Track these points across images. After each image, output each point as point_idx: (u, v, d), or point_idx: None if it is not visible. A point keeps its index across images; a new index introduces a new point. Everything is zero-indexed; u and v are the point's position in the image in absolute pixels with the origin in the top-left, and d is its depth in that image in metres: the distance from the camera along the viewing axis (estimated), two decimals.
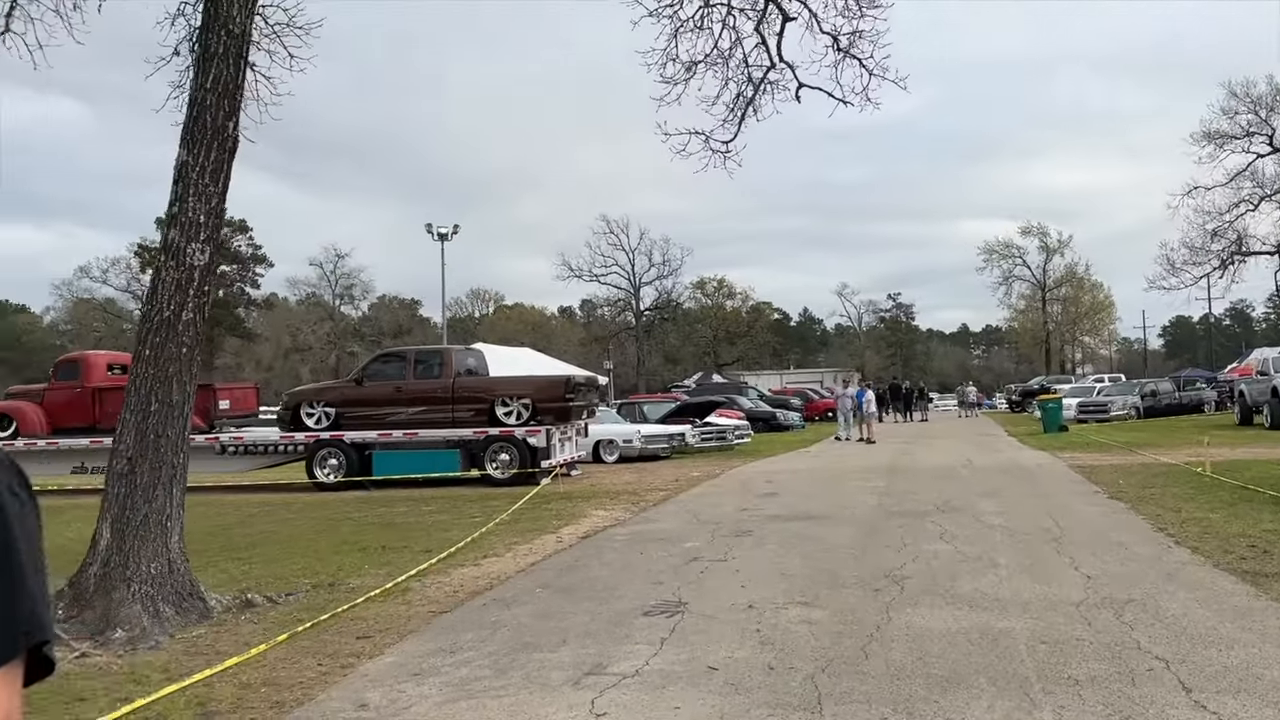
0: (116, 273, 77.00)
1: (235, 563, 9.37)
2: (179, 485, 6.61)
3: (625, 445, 21.85)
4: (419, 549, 9.87)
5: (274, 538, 11.21)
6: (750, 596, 7.10)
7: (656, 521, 11.71)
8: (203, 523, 12.77)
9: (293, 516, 13.25)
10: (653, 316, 77.90)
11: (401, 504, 14.44)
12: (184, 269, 6.56)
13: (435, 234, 48.02)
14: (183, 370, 6.58)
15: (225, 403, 17.51)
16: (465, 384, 17.39)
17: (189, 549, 10.44)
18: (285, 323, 79.12)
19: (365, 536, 10.97)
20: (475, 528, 11.21)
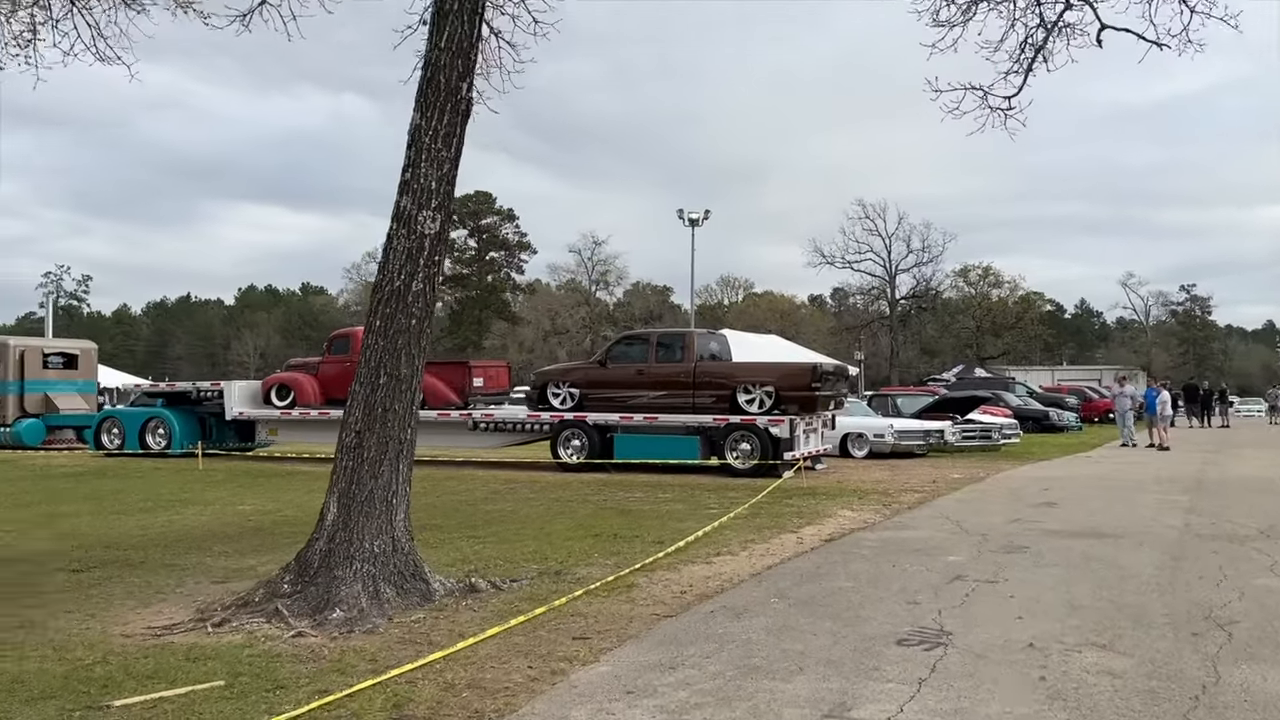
0: None
1: (470, 541, 9.34)
2: (405, 461, 6.44)
3: (876, 440, 20.36)
4: (650, 539, 9.35)
5: (512, 517, 11.20)
6: (1030, 631, 5.83)
7: (911, 528, 10.43)
8: (449, 497, 13.22)
9: (533, 496, 13.32)
10: (909, 305, 73.97)
11: (639, 489, 14.13)
12: (415, 237, 6.35)
13: (686, 219, 48.31)
14: (411, 343, 6.38)
15: (479, 380, 18.20)
16: (707, 369, 16.81)
17: (432, 523, 10.81)
18: (546, 306, 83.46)
19: (599, 522, 10.66)
20: (710, 520, 10.55)
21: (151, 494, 13.08)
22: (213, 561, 8.07)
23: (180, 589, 6.91)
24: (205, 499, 12.63)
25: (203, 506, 11.96)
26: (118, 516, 10.92)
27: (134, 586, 6.96)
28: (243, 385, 19.69)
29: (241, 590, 6.34)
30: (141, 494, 13.07)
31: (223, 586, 6.89)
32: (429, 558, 8.14)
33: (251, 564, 7.72)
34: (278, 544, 8.93)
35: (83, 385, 22.46)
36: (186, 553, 8.54)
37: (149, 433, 19.10)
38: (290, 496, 13.10)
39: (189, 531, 9.99)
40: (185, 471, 16.13)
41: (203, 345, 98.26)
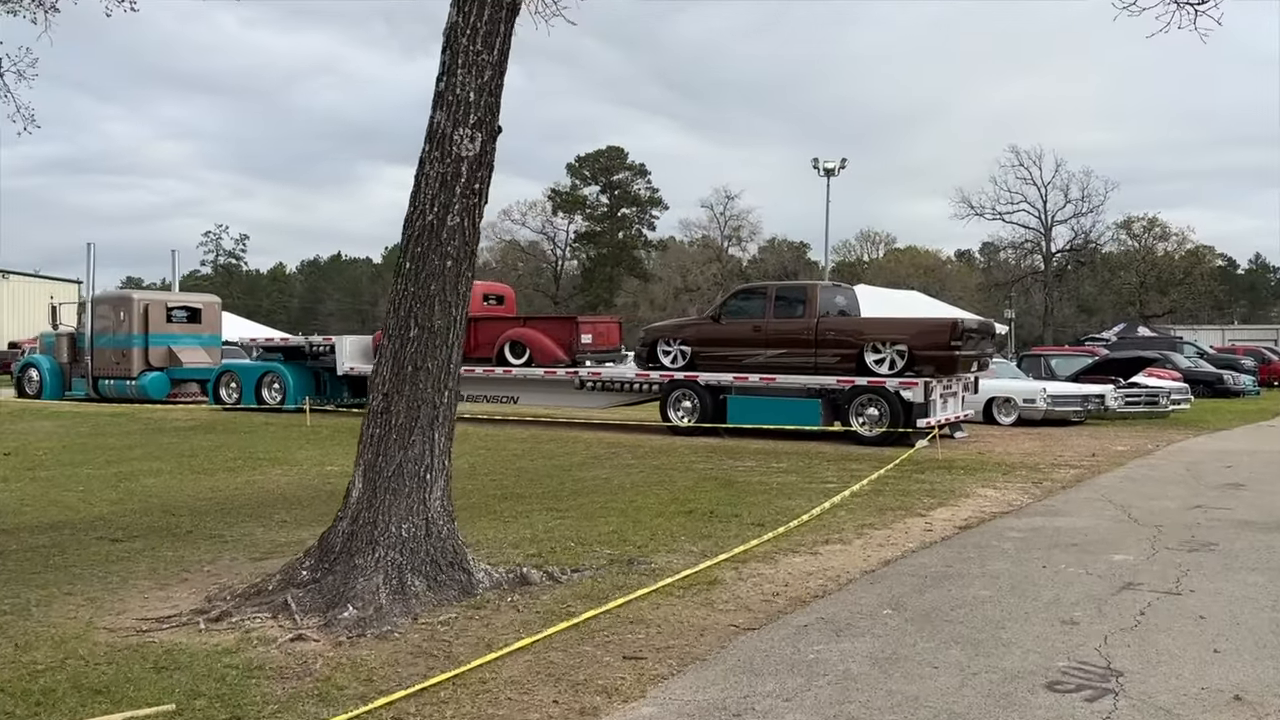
0: (534, 215, 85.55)
1: (549, 514, 8.36)
2: (442, 430, 5.44)
3: (1026, 405, 18.21)
4: (750, 519, 8.13)
5: (603, 487, 10.18)
6: (1234, 672, 4.31)
7: (1066, 514, 8.76)
8: (543, 461, 12.36)
9: (633, 463, 12.28)
10: (1065, 259, 68.60)
11: (750, 457, 12.88)
12: (450, 161, 5.27)
13: (821, 169, 45.95)
14: (447, 289, 5.35)
15: (587, 337, 17.25)
16: (830, 325, 15.21)
17: (516, 491, 9.92)
18: (678, 263, 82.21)
19: (697, 495, 9.49)
20: (825, 497, 9.21)
21: (246, 451, 12.84)
22: (264, 533, 7.39)
23: (210, 566, 6.21)
24: (296, 458, 12.26)
25: (290, 466, 11.56)
26: (198, 476, 10.59)
27: (162, 561, 6.31)
28: (354, 340, 19.44)
29: (269, 572, 5.57)
30: (236, 451, 12.85)
31: (256, 566, 6.15)
32: (494, 536, 7.28)
33: (304, 536, 6.99)
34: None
35: (207, 339, 22.82)
36: (243, 520, 7.94)
37: (264, 387, 19.21)
38: None
39: (262, 494, 9.48)
40: (293, 427, 16.01)
41: (351, 301, 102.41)
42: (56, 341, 23.11)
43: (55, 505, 8.66)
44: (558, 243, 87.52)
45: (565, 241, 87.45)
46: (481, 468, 11.57)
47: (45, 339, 24.00)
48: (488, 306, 18.73)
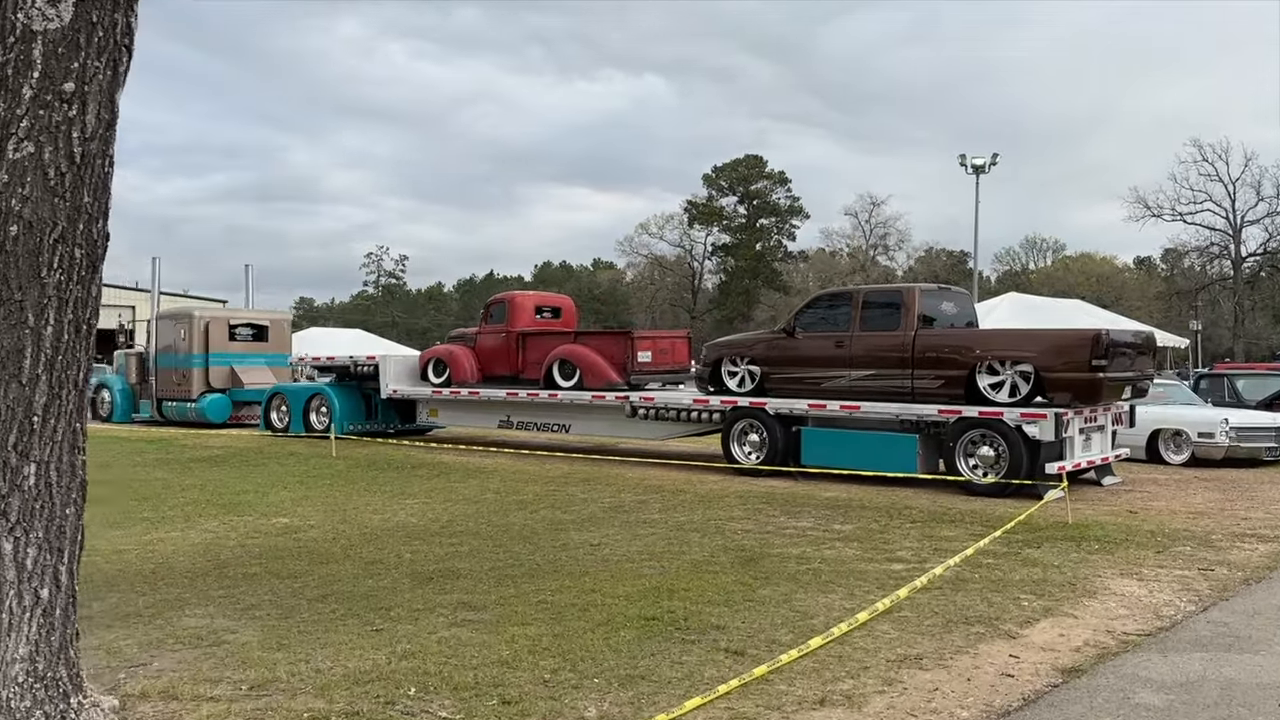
0: (671, 229, 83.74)
1: (458, 614, 5.76)
2: (33, 529, 3.06)
3: (1202, 440, 14.06)
4: (733, 639, 5.30)
5: (583, 561, 7.43)
6: None
7: (1249, 644, 5.35)
8: (546, 514, 9.71)
9: (656, 519, 9.47)
10: (1259, 264, 60.05)
11: (812, 513, 9.83)
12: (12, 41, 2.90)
13: (969, 166, 41.61)
14: (12, 284, 2.96)
15: (646, 354, 14.55)
16: (931, 339, 11.82)
17: (452, 567, 6.93)
18: (819, 274, 78.12)
19: (694, 582, 6.64)
20: (878, 589, 6.26)
21: (217, 493, 10.93)
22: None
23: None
24: (259, 504, 10.22)
25: (238, 515, 9.51)
26: (124, 528, 8.71)
27: None
28: (399, 359, 17.53)
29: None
30: (210, 493, 10.95)
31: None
32: (323, 664, 4.81)
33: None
34: (208, 595, 6.12)
35: (273, 358, 21.36)
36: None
37: (312, 410, 17.55)
38: (362, 501, 10.47)
39: (141, 565, 7.43)
40: (318, 458, 14.24)
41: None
42: (127, 361, 22.39)
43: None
44: (695, 256, 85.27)
45: (703, 254, 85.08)
46: (456, 523, 9.14)
47: (119, 359, 23.34)
48: (541, 320, 16.34)
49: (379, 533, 8.72)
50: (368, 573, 7.06)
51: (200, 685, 4.42)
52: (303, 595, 6.33)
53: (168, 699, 4.21)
